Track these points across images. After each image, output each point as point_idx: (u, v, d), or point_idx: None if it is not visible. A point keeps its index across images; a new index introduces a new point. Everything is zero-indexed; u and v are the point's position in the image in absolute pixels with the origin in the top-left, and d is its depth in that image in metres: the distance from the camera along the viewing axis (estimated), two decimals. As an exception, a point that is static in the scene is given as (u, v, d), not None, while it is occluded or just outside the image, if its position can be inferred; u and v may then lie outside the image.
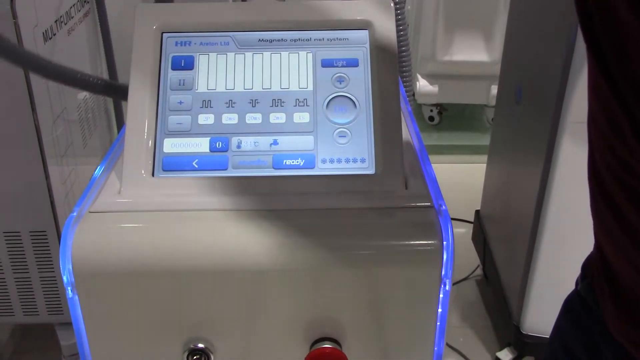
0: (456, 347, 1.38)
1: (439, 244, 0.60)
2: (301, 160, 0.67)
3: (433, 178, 0.68)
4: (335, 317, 0.63)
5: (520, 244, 1.23)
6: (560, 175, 1.11)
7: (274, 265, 0.61)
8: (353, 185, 0.66)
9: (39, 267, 1.13)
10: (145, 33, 0.70)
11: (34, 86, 1.01)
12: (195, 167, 0.67)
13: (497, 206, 1.45)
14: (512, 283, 1.30)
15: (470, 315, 1.48)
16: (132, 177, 0.66)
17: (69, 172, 1.17)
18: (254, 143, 0.67)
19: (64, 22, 1.17)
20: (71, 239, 0.60)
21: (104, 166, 0.70)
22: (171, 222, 0.62)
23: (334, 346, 0.63)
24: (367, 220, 0.62)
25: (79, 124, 1.26)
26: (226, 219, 0.62)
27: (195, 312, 0.63)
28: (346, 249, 0.61)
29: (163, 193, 0.65)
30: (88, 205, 0.64)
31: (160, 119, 0.68)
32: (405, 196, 0.65)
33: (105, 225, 0.62)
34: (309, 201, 0.64)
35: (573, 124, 1.05)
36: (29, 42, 1.00)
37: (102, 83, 0.79)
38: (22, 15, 0.97)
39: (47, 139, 1.06)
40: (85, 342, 0.64)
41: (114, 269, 0.60)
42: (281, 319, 0.63)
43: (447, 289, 0.62)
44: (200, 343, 0.63)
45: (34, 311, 1.18)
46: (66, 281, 0.60)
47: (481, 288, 1.55)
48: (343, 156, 0.67)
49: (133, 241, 0.60)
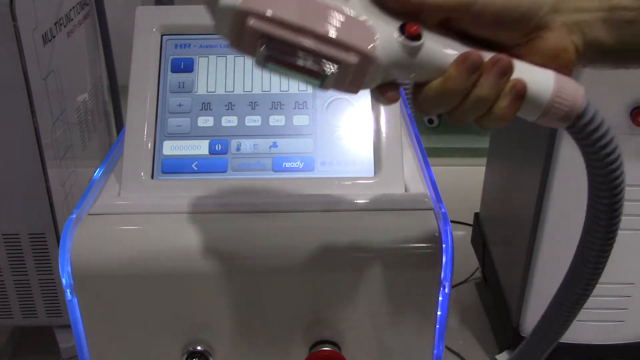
0: (455, 349, 1.38)
1: (438, 247, 0.60)
2: (301, 163, 0.67)
3: (432, 181, 0.68)
4: (334, 320, 0.63)
5: (519, 247, 1.23)
6: (560, 178, 1.11)
7: (273, 268, 0.61)
8: (352, 187, 0.66)
9: (37, 269, 1.13)
10: (145, 35, 0.70)
11: (33, 88, 1.01)
12: (194, 170, 0.67)
13: (497, 209, 1.45)
14: (511, 286, 1.30)
15: (469, 317, 1.48)
16: (132, 179, 0.66)
17: (68, 174, 1.17)
18: (253, 146, 0.67)
19: (63, 24, 1.17)
20: (70, 241, 0.60)
21: (103, 168, 0.70)
22: (170, 224, 0.62)
23: (333, 349, 0.63)
24: (366, 222, 0.62)
25: (79, 126, 1.26)
26: (225, 221, 0.62)
27: (194, 315, 0.63)
28: (345, 252, 0.61)
29: (162, 195, 0.65)
30: (87, 207, 0.64)
31: (160, 122, 0.68)
32: (405, 199, 0.65)
33: (105, 227, 0.62)
34: (308, 204, 0.64)
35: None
36: (28, 44, 1.00)
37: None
38: (22, 18, 0.97)
39: (47, 141, 1.06)
40: (84, 345, 0.64)
41: (113, 271, 0.60)
42: (280, 321, 0.63)
43: (446, 292, 0.62)
44: (199, 346, 0.63)
45: (33, 314, 1.17)
46: (65, 283, 0.60)
47: (480, 291, 1.55)
48: (342, 159, 0.67)
49: (132, 243, 0.60)
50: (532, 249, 1.19)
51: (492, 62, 0.45)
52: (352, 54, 0.44)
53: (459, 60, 0.45)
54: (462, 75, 0.45)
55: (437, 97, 0.47)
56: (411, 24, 0.46)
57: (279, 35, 0.43)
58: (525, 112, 0.48)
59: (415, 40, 0.45)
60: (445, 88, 0.46)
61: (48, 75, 1.08)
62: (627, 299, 1.17)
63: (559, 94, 0.46)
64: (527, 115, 0.48)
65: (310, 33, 0.43)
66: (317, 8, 0.44)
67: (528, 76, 0.47)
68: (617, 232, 0.52)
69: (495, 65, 0.45)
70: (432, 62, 0.46)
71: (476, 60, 0.45)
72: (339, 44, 0.43)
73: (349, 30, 0.44)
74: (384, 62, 0.45)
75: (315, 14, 0.44)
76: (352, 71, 0.44)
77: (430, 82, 0.46)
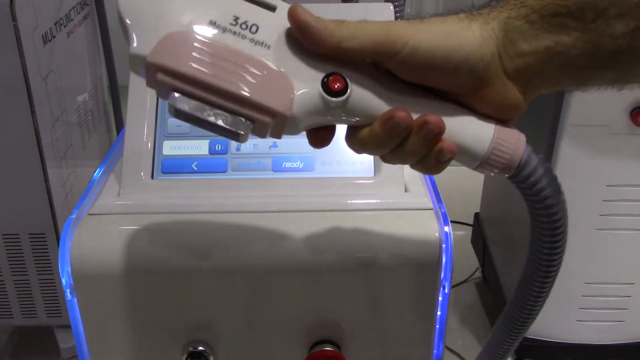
0: (455, 349, 1.38)
1: (438, 247, 0.60)
2: (300, 163, 0.67)
3: (432, 181, 0.68)
4: (334, 320, 0.63)
5: (519, 247, 1.23)
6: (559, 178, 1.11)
7: (273, 268, 0.61)
8: (352, 187, 0.66)
9: (37, 269, 1.13)
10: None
11: (33, 88, 1.01)
12: (194, 170, 0.67)
13: (497, 209, 1.45)
14: (511, 286, 1.30)
15: (469, 318, 1.48)
16: (132, 179, 0.66)
17: (68, 174, 1.17)
18: (253, 146, 0.67)
19: (63, 24, 1.17)
20: (70, 241, 0.60)
21: (103, 168, 0.70)
22: (170, 224, 0.62)
23: (333, 349, 0.63)
24: (366, 223, 0.62)
25: (79, 126, 1.26)
26: (225, 221, 0.62)
27: (195, 315, 0.63)
28: (345, 252, 0.61)
29: (162, 195, 0.65)
30: (87, 207, 0.64)
31: (160, 122, 0.68)
32: (405, 199, 0.65)
33: (105, 227, 0.62)
34: (308, 204, 0.64)
35: (572, 127, 1.05)
36: (28, 44, 1.00)
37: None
38: (22, 18, 0.97)
39: (47, 141, 1.06)
40: (84, 345, 0.64)
41: (113, 271, 0.60)
42: (281, 321, 0.63)
43: (446, 292, 0.62)
44: (199, 346, 0.63)
45: (33, 314, 1.17)
46: (65, 283, 0.60)
47: (480, 291, 1.55)
48: (342, 159, 0.67)
49: (132, 243, 0.60)
50: (532, 249, 1.18)
51: (420, 125, 0.43)
52: (266, 114, 0.42)
53: (383, 119, 0.43)
54: (387, 134, 0.43)
55: (364, 145, 0.45)
56: (335, 77, 0.43)
57: (189, 91, 0.41)
58: (461, 161, 0.46)
59: (339, 95, 0.43)
60: (372, 141, 0.44)
61: (48, 75, 1.08)
62: (627, 299, 1.17)
63: (497, 146, 0.45)
64: (464, 163, 0.47)
65: (221, 91, 0.41)
66: (233, 59, 0.42)
67: (463, 132, 0.45)
68: (559, 267, 0.51)
69: (422, 129, 0.43)
70: (358, 113, 0.44)
71: (401, 121, 0.43)
72: (251, 103, 0.41)
73: (264, 87, 0.42)
74: (303, 117, 0.43)
75: (230, 67, 0.41)
76: (269, 126, 0.42)
77: (360, 127, 0.45)
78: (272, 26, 0.44)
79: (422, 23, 0.44)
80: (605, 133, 1.04)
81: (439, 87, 0.45)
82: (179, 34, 0.42)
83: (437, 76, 0.44)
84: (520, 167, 0.46)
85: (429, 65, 0.43)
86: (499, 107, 0.45)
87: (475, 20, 0.44)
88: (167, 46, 0.41)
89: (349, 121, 0.45)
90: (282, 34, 0.44)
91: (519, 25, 0.43)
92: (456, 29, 0.43)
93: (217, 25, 0.43)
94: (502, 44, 0.43)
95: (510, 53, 0.43)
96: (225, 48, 0.42)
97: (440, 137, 0.44)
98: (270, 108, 0.42)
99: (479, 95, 0.44)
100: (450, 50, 0.42)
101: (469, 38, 0.43)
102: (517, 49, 0.43)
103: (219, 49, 0.42)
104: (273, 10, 0.45)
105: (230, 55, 0.42)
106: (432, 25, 0.43)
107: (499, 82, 0.44)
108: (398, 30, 0.43)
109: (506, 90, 0.44)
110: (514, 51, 0.43)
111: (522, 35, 0.43)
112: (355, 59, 0.44)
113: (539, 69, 0.43)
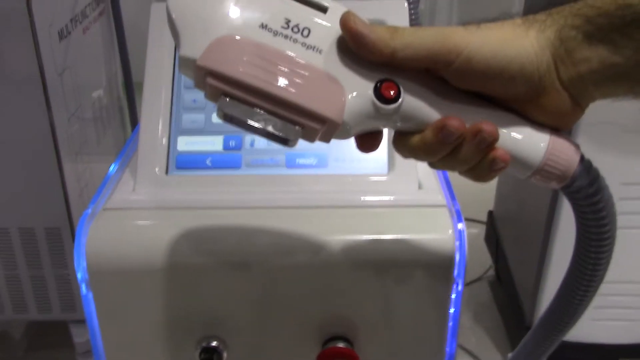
0: (468, 347, 1.37)
1: (451, 244, 0.60)
2: (314, 159, 0.67)
3: (446, 178, 0.68)
4: (347, 317, 0.63)
5: (533, 245, 1.22)
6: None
7: (287, 264, 0.61)
8: (366, 184, 0.66)
9: (52, 264, 1.14)
10: (160, 32, 0.71)
11: (49, 84, 1.02)
12: (208, 166, 0.67)
13: (511, 207, 1.44)
14: (525, 284, 1.29)
15: (482, 316, 1.47)
16: (146, 174, 0.66)
17: (83, 170, 1.18)
18: (267, 142, 0.67)
19: (79, 20, 1.18)
20: (86, 236, 0.60)
21: (118, 164, 0.71)
22: (185, 219, 0.62)
23: (345, 345, 0.63)
24: (380, 219, 0.62)
25: (93, 121, 1.27)
26: (239, 217, 0.62)
27: (209, 310, 0.63)
28: (358, 249, 0.61)
29: (177, 191, 0.65)
30: (102, 202, 0.64)
31: (175, 117, 0.68)
32: (418, 196, 0.65)
33: (120, 222, 0.62)
34: (321, 200, 0.64)
35: (588, 125, 1.04)
36: (44, 40, 1.01)
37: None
38: (38, 14, 0.98)
39: (62, 137, 1.07)
40: (98, 339, 0.64)
41: (128, 266, 0.60)
42: (294, 317, 0.63)
43: (460, 290, 0.62)
44: (213, 341, 0.63)
45: (48, 308, 1.18)
46: (80, 278, 0.61)
47: (494, 289, 1.54)
48: (356, 155, 0.67)
49: (147, 238, 0.61)
50: (546, 247, 1.18)
51: (473, 133, 0.42)
52: (317, 121, 0.41)
53: (436, 127, 0.42)
54: (440, 142, 0.43)
55: (414, 152, 0.45)
56: (388, 84, 0.42)
57: (239, 96, 0.40)
58: (514, 171, 0.45)
59: (392, 102, 0.42)
60: (423, 148, 0.44)
61: (64, 71, 1.09)
62: (641, 298, 1.16)
63: (551, 156, 0.44)
64: (516, 173, 0.46)
65: (272, 97, 0.40)
66: (284, 64, 0.41)
67: (517, 140, 0.44)
68: (602, 278, 0.51)
69: (476, 137, 0.42)
70: (410, 119, 0.43)
71: (454, 130, 0.42)
72: (303, 110, 0.41)
73: (315, 93, 0.41)
74: (353, 123, 0.42)
75: (281, 72, 0.41)
76: (319, 132, 0.42)
77: (410, 133, 0.44)
78: (324, 30, 0.43)
79: (479, 29, 0.43)
80: (621, 131, 1.03)
81: (493, 94, 0.44)
82: (230, 38, 0.41)
83: (492, 85, 0.43)
84: (575, 177, 0.45)
85: (484, 75, 0.42)
86: (554, 115, 0.44)
87: (532, 28, 0.43)
88: (218, 50, 0.41)
89: (400, 127, 0.44)
90: (334, 38, 0.43)
91: (574, 35, 0.42)
92: (512, 36, 0.42)
93: (268, 29, 0.42)
94: (557, 53, 0.42)
95: (566, 62, 0.42)
96: (277, 52, 0.42)
97: (493, 145, 0.43)
98: (321, 115, 0.41)
99: (533, 103, 0.44)
100: (507, 61, 0.42)
101: (526, 46, 0.42)
102: (572, 58, 0.42)
103: (270, 54, 0.41)
104: (324, 12, 0.44)
105: (282, 60, 0.41)
106: (488, 32, 0.43)
107: (554, 91, 0.43)
108: (454, 39, 0.42)
109: (561, 98, 0.43)
110: (570, 61, 0.42)
111: (577, 44, 0.42)
112: (409, 67, 0.43)
113: (593, 79, 0.43)
